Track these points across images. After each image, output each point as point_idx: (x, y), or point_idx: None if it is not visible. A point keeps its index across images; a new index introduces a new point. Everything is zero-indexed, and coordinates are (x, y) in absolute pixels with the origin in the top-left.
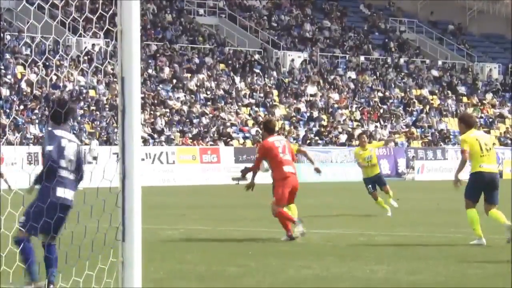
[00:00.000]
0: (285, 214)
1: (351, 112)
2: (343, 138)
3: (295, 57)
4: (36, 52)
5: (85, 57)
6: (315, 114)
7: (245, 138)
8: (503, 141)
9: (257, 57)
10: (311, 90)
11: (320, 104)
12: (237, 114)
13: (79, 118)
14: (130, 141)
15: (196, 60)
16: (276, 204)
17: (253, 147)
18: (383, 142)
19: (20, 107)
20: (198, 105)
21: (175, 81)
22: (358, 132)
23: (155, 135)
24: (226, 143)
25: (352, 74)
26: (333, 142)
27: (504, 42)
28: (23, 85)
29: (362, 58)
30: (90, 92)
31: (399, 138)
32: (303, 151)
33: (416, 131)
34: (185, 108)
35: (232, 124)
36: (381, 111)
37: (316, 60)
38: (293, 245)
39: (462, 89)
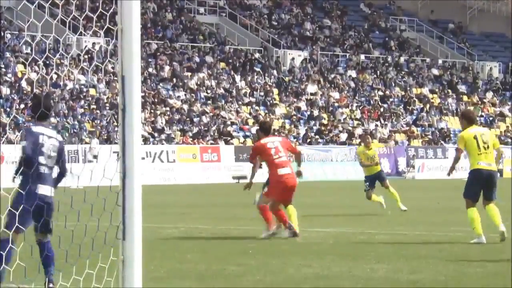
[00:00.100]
0: (266, 214)
1: (352, 111)
2: (344, 137)
3: (296, 56)
4: (37, 51)
5: (86, 56)
6: (316, 113)
7: (245, 137)
8: (504, 140)
9: (257, 55)
10: (311, 88)
11: (321, 103)
12: (237, 112)
13: (79, 116)
14: (131, 140)
15: (197, 59)
16: (265, 195)
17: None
18: (383, 144)
19: (21, 105)
20: (199, 104)
21: (176, 79)
22: (358, 131)
23: (155, 134)
24: (227, 142)
25: (352, 73)
26: (334, 141)
27: (505, 40)
28: (23, 83)
29: (362, 56)
30: (91, 91)
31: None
32: (296, 151)
33: (416, 130)
34: (186, 106)
35: (232, 123)
36: (382, 109)
37: (317, 59)
38: (293, 244)
39: (463, 88)
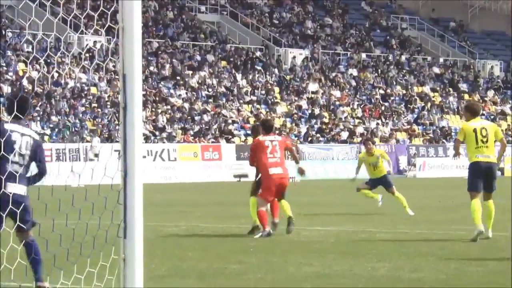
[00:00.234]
0: (262, 216)
1: (353, 110)
2: (345, 135)
3: (297, 54)
4: (38, 49)
5: (87, 54)
6: (317, 111)
7: (246, 135)
8: (505, 138)
9: (258, 54)
10: (312, 87)
11: (322, 101)
12: (238, 111)
13: (80, 115)
14: (132, 138)
15: (198, 57)
16: (259, 196)
17: None
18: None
19: None
20: (200, 102)
21: (177, 78)
22: (359, 130)
23: (156, 132)
24: (228, 141)
25: (353, 71)
26: (335, 139)
27: (506, 39)
28: (24, 82)
29: (363, 55)
30: (92, 89)
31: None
32: (290, 148)
33: (417, 128)
34: (187, 105)
35: (233, 121)
36: (383, 108)
37: (318, 57)
38: (294, 243)
39: (464, 86)
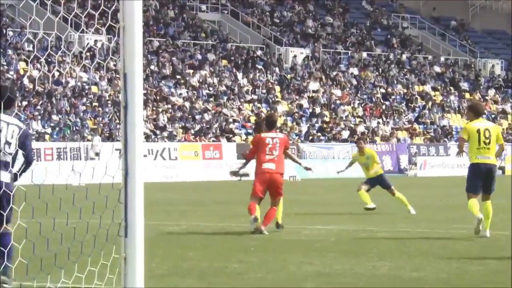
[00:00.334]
0: (250, 207)
1: (354, 108)
2: (346, 134)
3: (298, 53)
4: (39, 48)
5: (87, 53)
6: (318, 110)
7: (247, 134)
8: (506, 137)
9: (259, 53)
10: (313, 86)
11: (323, 100)
12: (239, 110)
13: (81, 114)
14: (133, 137)
15: (199, 56)
16: (251, 193)
17: None
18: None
19: (23, 103)
20: (201, 101)
21: (178, 77)
22: (360, 128)
23: (157, 131)
24: (229, 139)
25: (354, 70)
26: (336, 138)
27: (507, 38)
28: (25, 81)
29: (364, 54)
30: (93, 88)
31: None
32: (286, 149)
33: (418, 127)
34: (188, 104)
35: (234, 120)
36: (384, 107)
37: (319, 56)
38: (295, 242)
39: (465, 85)
